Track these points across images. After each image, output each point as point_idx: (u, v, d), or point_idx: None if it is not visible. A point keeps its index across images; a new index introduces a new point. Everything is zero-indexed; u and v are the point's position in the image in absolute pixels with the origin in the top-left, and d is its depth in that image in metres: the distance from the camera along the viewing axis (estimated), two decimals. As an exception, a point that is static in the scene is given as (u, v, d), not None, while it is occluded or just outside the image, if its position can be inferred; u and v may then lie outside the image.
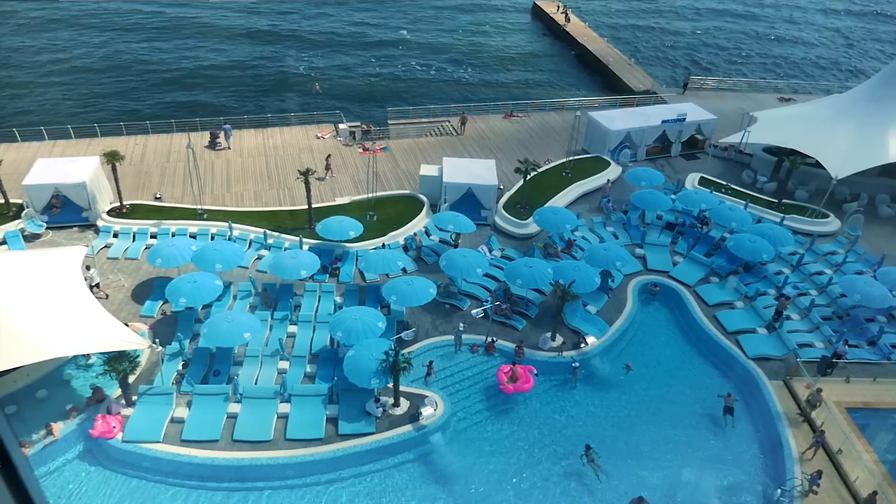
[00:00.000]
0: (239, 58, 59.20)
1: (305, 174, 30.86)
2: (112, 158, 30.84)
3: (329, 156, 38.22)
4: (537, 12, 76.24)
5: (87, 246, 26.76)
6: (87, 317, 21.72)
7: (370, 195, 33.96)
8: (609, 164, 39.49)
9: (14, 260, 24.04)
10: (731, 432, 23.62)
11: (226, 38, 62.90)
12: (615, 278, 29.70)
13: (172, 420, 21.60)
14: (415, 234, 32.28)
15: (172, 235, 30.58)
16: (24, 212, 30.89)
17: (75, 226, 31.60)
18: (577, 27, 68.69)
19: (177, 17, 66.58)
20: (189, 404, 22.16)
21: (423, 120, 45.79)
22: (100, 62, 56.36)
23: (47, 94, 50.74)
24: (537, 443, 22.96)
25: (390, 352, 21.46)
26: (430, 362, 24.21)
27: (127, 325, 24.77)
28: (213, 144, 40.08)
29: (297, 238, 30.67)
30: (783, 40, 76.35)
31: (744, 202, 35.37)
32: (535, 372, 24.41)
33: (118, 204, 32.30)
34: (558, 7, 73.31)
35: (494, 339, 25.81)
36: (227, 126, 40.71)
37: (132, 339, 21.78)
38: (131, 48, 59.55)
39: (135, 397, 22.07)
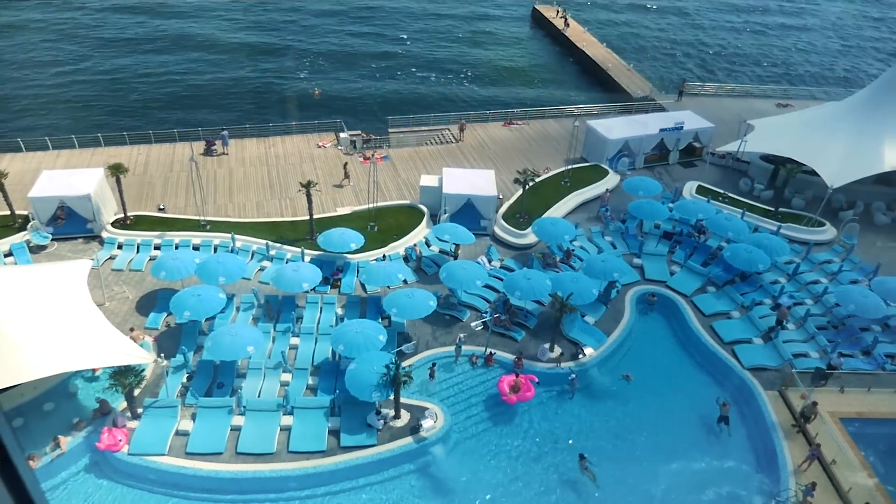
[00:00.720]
0: (239, 66, 59.44)
1: (307, 186, 31.21)
2: (116, 171, 31.23)
3: (346, 163, 38.64)
4: (536, 17, 76.43)
5: (92, 259, 27.12)
6: (93, 331, 22.12)
7: (371, 205, 34.32)
8: (607, 172, 39.83)
9: (20, 274, 24.43)
10: (727, 442, 23.99)
11: (226, 49, 63.08)
12: (618, 289, 30.07)
13: (177, 433, 21.99)
14: (415, 244, 32.63)
15: (176, 247, 30.98)
16: (30, 223, 31.32)
17: (80, 237, 32.00)
18: (576, 32, 68.94)
19: (178, 30, 66.72)
20: (193, 417, 22.53)
21: (423, 128, 46.08)
22: (103, 74, 56.56)
23: (51, 105, 51.06)
24: (535, 453, 23.37)
25: (391, 365, 21.85)
26: (433, 364, 24.90)
27: (132, 331, 25.34)
28: (208, 151, 40.47)
29: (299, 249, 31.06)
30: (782, 46, 76.56)
31: (741, 211, 35.70)
32: (537, 380, 24.82)
33: (122, 215, 32.71)
34: (557, 12, 73.57)
35: (493, 351, 26.20)
36: (225, 133, 41.05)
37: (138, 353, 22.21)
38: (133, 58, 59.80)
39: (140, 410, 22.47)
